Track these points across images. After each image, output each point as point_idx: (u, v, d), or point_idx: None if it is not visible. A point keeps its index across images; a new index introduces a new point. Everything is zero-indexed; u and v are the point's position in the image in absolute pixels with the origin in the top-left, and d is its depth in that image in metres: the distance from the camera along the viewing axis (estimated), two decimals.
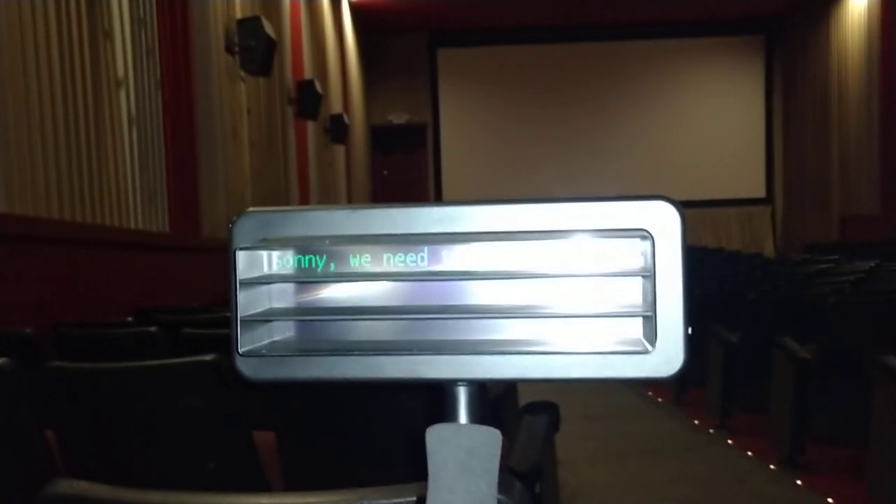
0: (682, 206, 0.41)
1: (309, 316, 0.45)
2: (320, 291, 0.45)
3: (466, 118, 13.34)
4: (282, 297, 0.45)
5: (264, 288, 0.45)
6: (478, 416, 0.45)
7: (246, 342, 0.44)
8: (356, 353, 0.43)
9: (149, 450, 1.77)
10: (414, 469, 0.49)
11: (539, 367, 0.42)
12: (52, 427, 1.76)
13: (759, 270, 7.48)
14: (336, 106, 10.00)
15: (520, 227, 0.42)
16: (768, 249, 13.04)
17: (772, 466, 3.53)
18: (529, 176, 12.82)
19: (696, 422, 4.46)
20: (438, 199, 13.29)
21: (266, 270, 0.44)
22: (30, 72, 3.51)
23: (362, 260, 0.44)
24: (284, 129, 7.55)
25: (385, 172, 13.40)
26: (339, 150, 10.21)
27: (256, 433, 1.83)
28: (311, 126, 8.48)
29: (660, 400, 5.13)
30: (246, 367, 0.44)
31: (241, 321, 0.44)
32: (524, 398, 1.88)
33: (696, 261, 9.49)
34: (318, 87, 8.09)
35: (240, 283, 0.44)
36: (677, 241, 0.42)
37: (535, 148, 13.06)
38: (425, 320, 0.44)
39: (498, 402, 2.34)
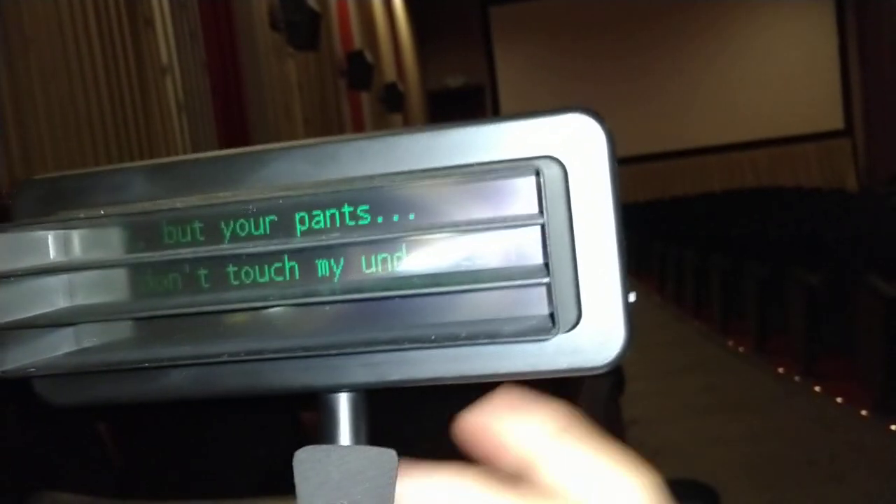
0: (755, 145, 0.28)
1: (95, 317, 0.34)
2: (131, 283, 0.34)
3: (524, 77, 13.04)
4: (70, 292, 0.34)
5: (47, 281, 0.34)
6: (364, 432, 0.34)
7: (14, 357, 0.33)
8: (184, 363, 0.32)
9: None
10: None
11: (413, 365, 0.31)
12: None
13: (841, 207, 7.13)
14: (390, 74, 9.89)
15: (375, 169, 0.31)
16: (851, 184, 12.44)
17: (863, 412, 3.34)
18: None
19: (780, 370, 4.26)
20: None
21: (57, 257, 0.34)
22: (72, 66, 3.51)
23: (184, 236, 0.33)
24: (338, 102, 7.49)
25: None
26: (397, 119, 10.12)
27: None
28: (365, 97, 8.41)
29: (741, 349, 4.92)
30: (42, 387, 0.34)
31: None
32: None
33: (773, 202, 9.11)
34: (368, 57, 7.99)
35: None
36: (604, 170, 0.30)
37: (599, 102, 12.70)
38: (272, 313, 0.33)
39: None
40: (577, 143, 0.30)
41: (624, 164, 10.60)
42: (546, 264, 0.30)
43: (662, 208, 10.31)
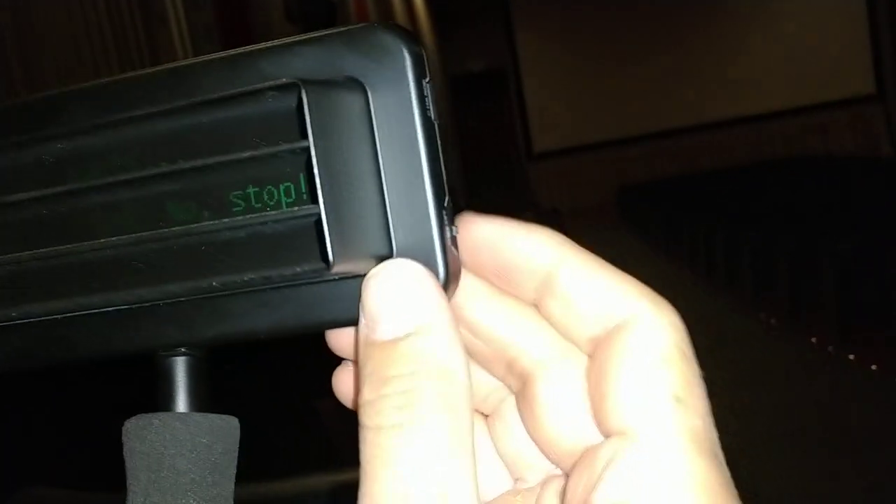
0: (782, 114, 0.25)
1: None
2: None
3: (546, 57, 12.90)
4: None
5: None
6: (203, 399, 0.31)
7: None
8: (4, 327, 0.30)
9: None
10: None
11: (222, 319, 0.29)
12: None
13: (874, 174, 6.98)
14: None
15: (164, 105, 0.28)
16: (885, 151, 12.15)
17: None
18: (625, 106, 12.27)
19: (813, 340, 4.18)
20: (527, 147, 13.03)
21: None
22: (87, 65, 3.54)
23: None
24: None
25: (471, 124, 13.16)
26: None
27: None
28: None
29: (773, 321, 4.84)
30: None
31: None
32: None
33: (804, 172, 8.94)
34: None
35: None
36: (409, 90, 0.28)
37: (623, 79, 12.50)
38: (68, 270, 0.29)
39: None
40: (375, 61, 0.28)
41: (651, 141, 10.39)
42: (361, 194, 0.27)
43: (690, 183, 10.18)
